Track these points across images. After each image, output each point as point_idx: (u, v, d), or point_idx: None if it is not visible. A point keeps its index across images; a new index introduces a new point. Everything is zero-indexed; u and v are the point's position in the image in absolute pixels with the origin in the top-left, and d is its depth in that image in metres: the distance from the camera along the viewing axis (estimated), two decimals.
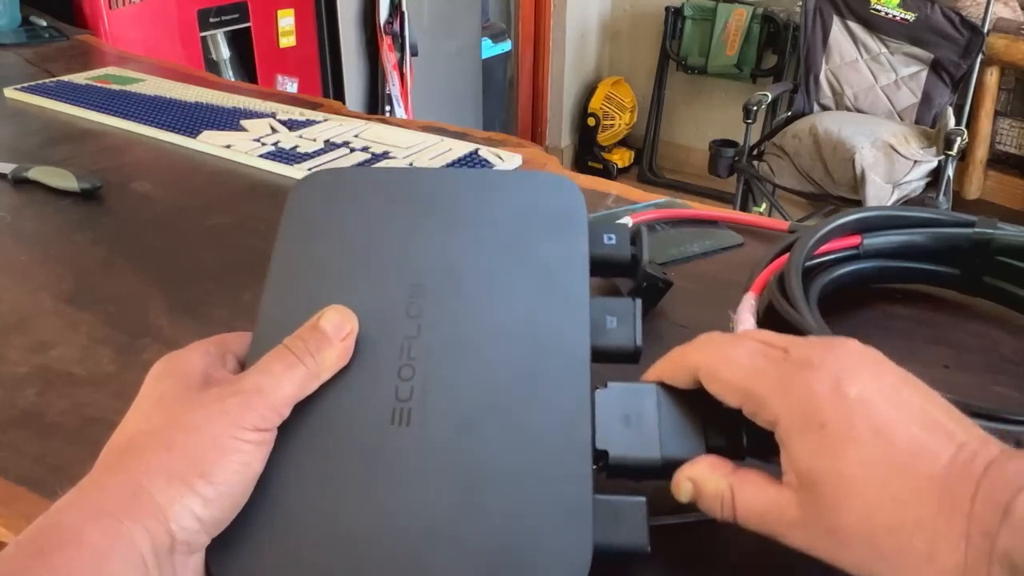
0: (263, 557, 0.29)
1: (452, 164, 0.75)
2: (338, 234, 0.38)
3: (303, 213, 0.39)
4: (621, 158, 3.36)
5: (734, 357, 0.33)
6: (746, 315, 0.46)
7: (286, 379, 0.31)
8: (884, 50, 2.45)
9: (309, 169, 0.74)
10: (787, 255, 0.50)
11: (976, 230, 0.51)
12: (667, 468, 0.33)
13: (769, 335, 0.34)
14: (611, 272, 0.40)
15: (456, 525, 0.30)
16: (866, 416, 0.29)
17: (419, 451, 0.31)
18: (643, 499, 0.32)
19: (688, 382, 0.34)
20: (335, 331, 0.33)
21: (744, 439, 0.33)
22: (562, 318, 0.35)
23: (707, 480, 0.32)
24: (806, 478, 0.29)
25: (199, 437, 0.29)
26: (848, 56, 2.51)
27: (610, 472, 0.33)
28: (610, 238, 0.40)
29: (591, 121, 3.28)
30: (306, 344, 0.32)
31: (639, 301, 0.37)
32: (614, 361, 0.36)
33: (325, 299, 0.34)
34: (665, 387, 0.35)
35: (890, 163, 2.20)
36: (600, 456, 0.33)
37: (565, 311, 0.35)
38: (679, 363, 0.35)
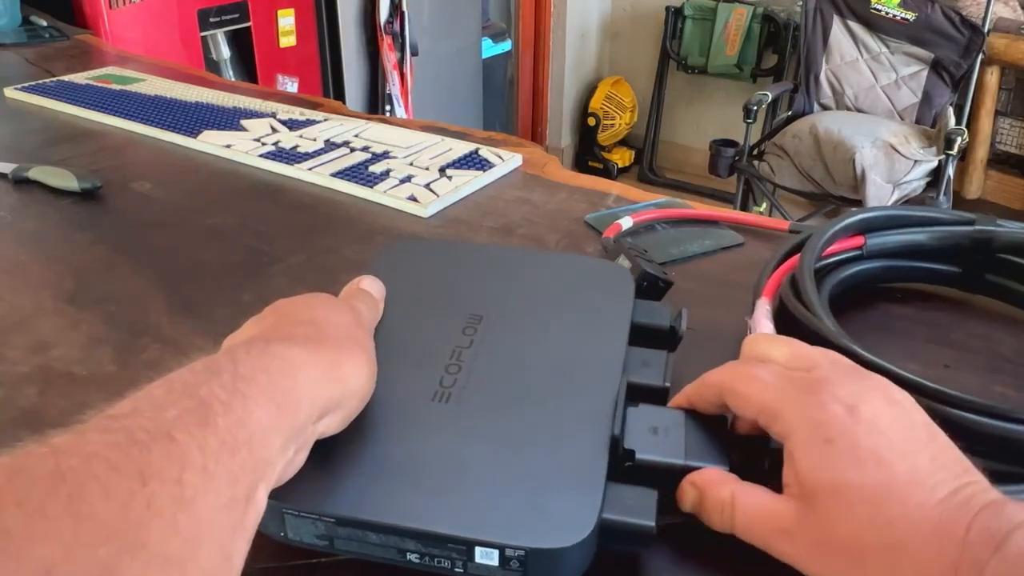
0: (305, 482, 0.32)
1: (452, 164, 0.75)
2: (408, 282, 0.45)
3: (382, 272, 0.45)
4: (621, 158, 3.36)
5: (755, 375, 0.34)
6: (764, 321, 0.45)
7: (368, 309, 0.40)
8: (884, 50, 2.45)
9: (309, 169, 0.74)
10: (794, 258, 0.49)
11: (977, 228, 0.50)
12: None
13: (799, 355, 0.35)
14: (650, 341, 0.42)
15: (473, 473, 0.33)
16: (873, 443, 0.30)
17: (454, 417, 0.36)
18: (655, 490, 0.33)
19: (712, 403, 0.36)
20: (374, 292, 0.42)
21: (766, 463, 0.34)
22: (600, 350, 0.40)
23: (711, 487, 0.33)
24: (807, 488, 0.30)
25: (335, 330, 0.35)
26: (848, 56, 2.51)
27: (635, 473, 0.34)
28: (653, 310, 0.44)
29: (591, 121, 3.28)
30: (359, 295, 0.41)
31: (671, 354, 0.41)
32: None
33: (391, 321, 0.42)
34: (692, 413, 0.37)
35: (890, 163, 2.20)
36: (628, 456, 0.35)
37: (603, 345, 0.40)
38: (704, 382, 0.36)
